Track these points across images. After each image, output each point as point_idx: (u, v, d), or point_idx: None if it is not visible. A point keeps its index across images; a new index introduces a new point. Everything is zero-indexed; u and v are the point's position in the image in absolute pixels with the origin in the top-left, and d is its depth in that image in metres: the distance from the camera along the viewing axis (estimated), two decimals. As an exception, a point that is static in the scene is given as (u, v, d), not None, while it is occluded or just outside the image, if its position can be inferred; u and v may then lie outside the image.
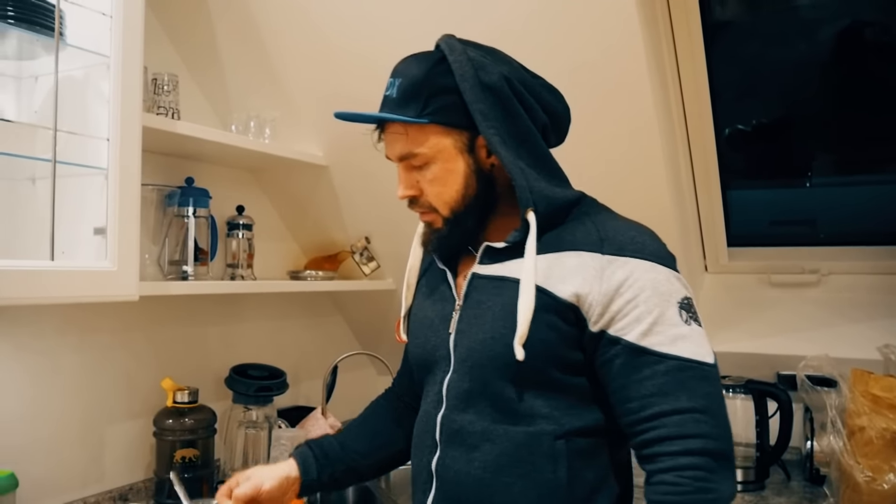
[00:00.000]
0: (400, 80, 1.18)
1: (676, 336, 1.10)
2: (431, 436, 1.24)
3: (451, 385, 1.22)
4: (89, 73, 1.53)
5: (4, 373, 1.63)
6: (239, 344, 2.28)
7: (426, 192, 1.22)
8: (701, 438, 1.06)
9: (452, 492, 1.20)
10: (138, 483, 1.91)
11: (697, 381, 1.09)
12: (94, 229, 1.50)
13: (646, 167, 1.91)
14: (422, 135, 1.18)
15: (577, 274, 1.13)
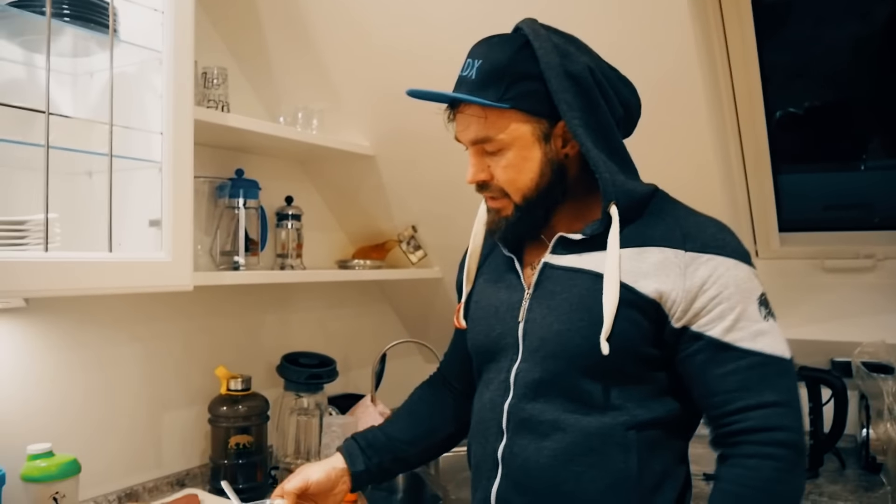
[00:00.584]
0: (480, 61, 1.16)
1: (758, 332, 1.11)
2: (497, 424, 1.24)
3: (519, 374, 1.22)
4: (142, 68, 1.56)
5: (65, 362, 1.68)
6: (289, 332, 2.31)
7: (498, 178, 1.20)
8: (785, 431, 1.09)
9: (520, 479, 1.20)
10: (194, 468, 1.96)
11: (779, 375, 1.11)
12: (150, 221, 1.54)
13: (695, 152, 1.89)
14: (501, 120, 1.16)
15: (661, 271, 1.14)
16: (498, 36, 1.19)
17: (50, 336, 1.65)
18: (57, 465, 1.44)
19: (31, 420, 1.61)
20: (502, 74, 1.14)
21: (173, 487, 1.89)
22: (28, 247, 1.32)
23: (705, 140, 1.86)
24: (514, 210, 1.22)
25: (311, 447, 1.98)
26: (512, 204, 1.21)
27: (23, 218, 1.33)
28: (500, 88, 1.14)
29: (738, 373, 1.11)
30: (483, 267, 1.37)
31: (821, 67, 2.22)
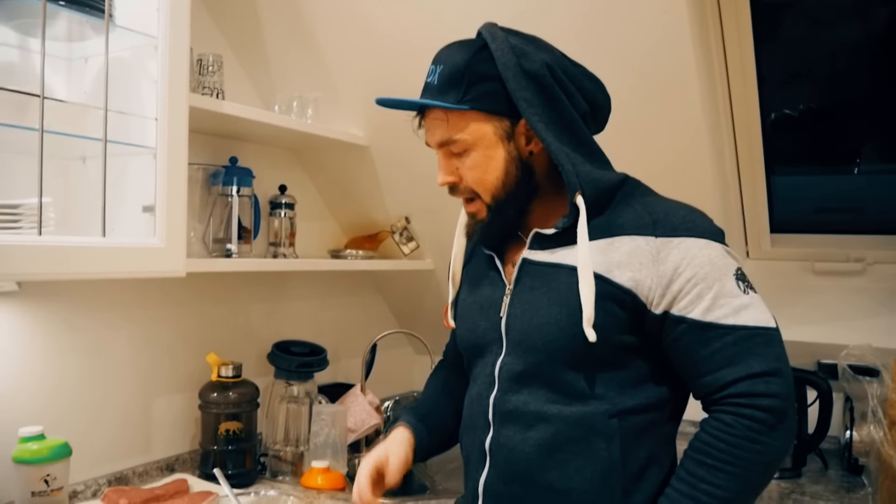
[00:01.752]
0: (441, 66, 1.20)
1: (739, 306, 1.13)
2: (484, 417, 1.27)
3: (503, 367, 1.25)
4: (137, 53, 1.56)
5: (57, 346, 1.69)
6: (281, 321, 2.32)
7: (466, 179, 1.24)
8: (769, 398, 1.10)
9: (506, 470, 1.23)
10: (184, 454, 1.97)
11: (766, 345, 1.12)
12: (143, 207, 1.54)
13: (689, 152, 1.90)
14: (462, 121, 1.20)
15: (633, 259, 1.15)
16: (459, 41, 1.23)
17: (42, 320, 1.66)
18: (48, 448, 1.45)
19: (22, 403, 1.62)
20: (461, 77, 1.18)
21: (163, 472, 1.90)
22: (22, 230, 1.33)
23: (700, 139, 1.87)
24: (488, 212, 1.25)
25: (300, 435, 1.99)
26: (484, 205, 1.25)
27: (17, 202, 1.33)
28: (459, 91, 1.18)
29: (724, 349, 1.12)
30: (467, 267, 1.41)
31: (817, 70, 2.22)
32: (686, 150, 1.90)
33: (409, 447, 1.41)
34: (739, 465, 1.10)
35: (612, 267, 1.16)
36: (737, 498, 1.12)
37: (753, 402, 1.10)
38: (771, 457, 1.12)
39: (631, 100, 1.85)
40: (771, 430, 1.10)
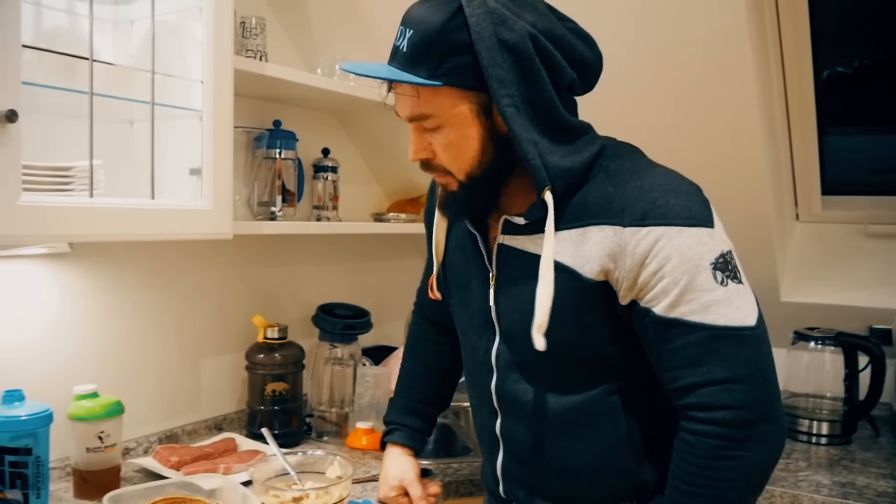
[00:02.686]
0: (411, 31, 1.07)
1: (709, 303, 1.03)
2: (489, 403, 1.28)
3: (500, 356, 1.24)
4: (182, 16, 1.56)
5: (108, 307, 1.72)
6: (325, 283, 2.34)
7: (440, 157, 1.14)
8: (731, 409, 1.03)
9: (519, 455, 1.25)
10: (231, 414, 2.01)
11: (734, 348, 1.03)
12: (190, 170, 1.55)
13: (738, 112, 1.85)
14: (435, 97, 1.08)
15: (602, 250, 1.07)
16: (425, 3, 1.09)
17: (93, 281, 1.69)
18: (102, 406, 1.48)
19: (75, 362, 1.66)
20: (433, 48, 1.05)
21: (211, 431, 1.94)
22: (73, 193, 1.34)
23: (750, 98, 1.82)
24: (460, 187, 1.15)
25: (345, 396, 2.01)
26: (456, 181, 1.15)
27: (68, 164, 1.35)
28: (432, 63, 1.05)
29: (686, 348, 1.05)
30: (451, 234, 1.33)
31: (871, 26, 2.15)
32: (735, 111, 1.85)
33: (412, 461, 1.49)
34: (716, 487, 1.05)
35: (584, 261, 1.09)
36: None
37: (713, 417, 1.04)
38: (749, 469, 1.05)
39: (680, 59, 1.82)
40: (740, 443, 1.03)
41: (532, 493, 1.26)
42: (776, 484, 1.64)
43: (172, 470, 1.61)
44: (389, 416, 1.55)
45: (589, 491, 1.22)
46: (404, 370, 1.58)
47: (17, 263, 1.55)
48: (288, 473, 1.51)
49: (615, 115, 2.01)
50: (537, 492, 1.25)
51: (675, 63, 1.84)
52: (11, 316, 1.55)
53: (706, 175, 1.97)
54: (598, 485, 1.21)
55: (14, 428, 1.36)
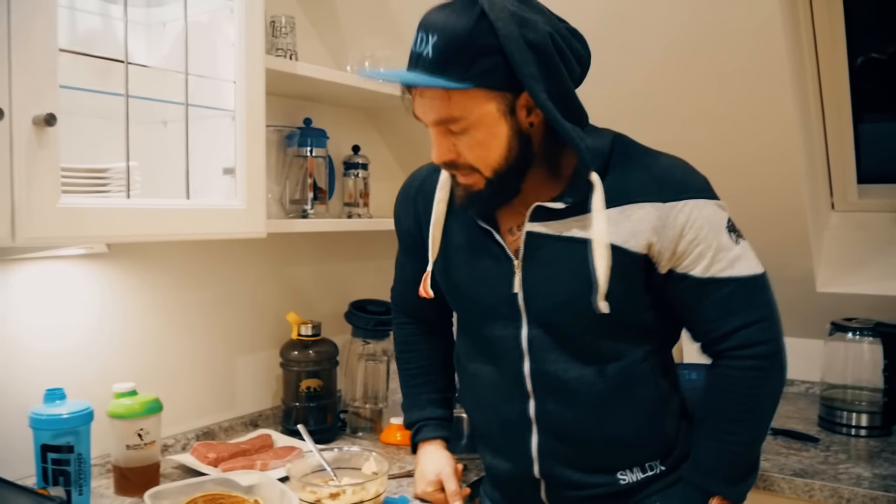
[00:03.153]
0: (436, 37, 1.11)
1: (734, 259, 1.22)
2: (520, 387, 1.31)
3: (532, 339, 1.29)
4: (214, 17, 1.58)
5: (144, 306, 1.74)
6: (357, 280, 2.35)
7: (466, 157, 1.19)
8: (765, 344, 1.24)
9: (559, 431, 1.31)
10: (267, 410, 2.03)
11: (758, 292, 1.24)
12: (224, 169, 1.56)
13: (772, 101, 1.83)
14: (464, 99, 1.13)
15: (646, 225, 1.20)
16: (450, 5, 1.14)
17: (130, 281, 1.71)
18: (141, 404, 1.51)
19: (114, 360, 1.68)
20: (461, 51, 1.10)
21: (247, 427, 1.96)
22: (110, 194, 1.36)
23: (784, 87, 1.80)
24: (486, 184, 1.21)
25: (378, 392, 2.02)
26: (483, 179, 1.20)
27: (105, 166, 1.37)
28: (460, 67, 1.10)
29: (722, 300, 1.22)
30: (450, 233, 1.37)
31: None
32: (768, 98, 1.83)
33: (448, 456, 1.51)
34: (755, 410, 1.26)
35: (629, 237, 1.20)
36: (759, 433, 1.29)
37: (754, 353, 1.23)
38: (777, 391, 1.27)
39: (712, 49, 1.80)
40: (772, 371, 1.25)
41: (571, 467, 1.32)
42: (816, 477, 1.62)
43: (210, 466, 1.63)
44: (412, 416, 1.57)
45: (627, 455, 1.33)
46: (408, 370, 1.61)
47: (56, 264, 1.58)
48: (324, 469, 1.52)
49: (647, 106, 2.00)
50: (577, 464, 1.32)
51: (707, 53, 1.82)
52: (51, 316, 1.57)
53: (739, 166, 1.97)
54: (635, 448, 1.33)
55: (56, 426, 1.38)
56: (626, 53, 1.89)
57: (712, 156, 1.21)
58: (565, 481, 1.33)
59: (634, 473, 1.33)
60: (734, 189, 1.36)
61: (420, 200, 1.44)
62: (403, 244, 1.54)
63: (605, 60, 1.87)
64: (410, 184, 1.49)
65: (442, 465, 1.48)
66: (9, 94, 1.13)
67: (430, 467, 1.48)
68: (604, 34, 1.87)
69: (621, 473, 1.32)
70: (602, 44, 1.89)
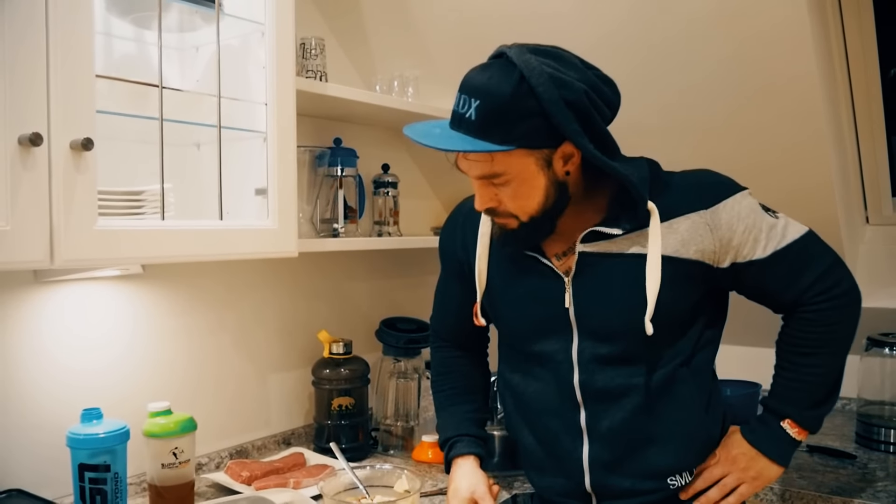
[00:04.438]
0: (478, 101, 1.18)
1: (783, 230, 1.32)
2: (571, 398, 1.37)
3: (583, 351, 1.35)
4: (245, 41, 1.60)
5: (178, 326, 1.77)
6: (387, 298, 2.36)
7: (506, 205, 1.28)
8: (838, 286, 1.34)
9: (609, 439, 1.36)
10: (299, 428, 2.04)
11: (814, 245, 1.34)
12: (256, 190, 1.58)
13: (803, 113, 1.81)
14: (507, 158, 1.21)
15: (694, 234, 1.29)
16: (489, 69, 1.20)
17: (164, 301, 1.74)
18: (176, 423, 1.52)
19: (148, 380, 1.70)
20: (504, 116, 1.17)
21: (280, 446, 1.97)
22: (145, 216, 1.39)
23: (815, 100, 1.78)
24: (520, 226, 1.29)
25: (409, 410, 2.02)
26: (518, 221, 1.29)
27: (140, 188, 1.40)
28: (503, 130, 1.18)
29: (790, 266, 1.32)
30: (495, 259, 1.44)
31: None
32: (800, 112, 1.81)
33: (482, 474, 1.51)
34: (831, 344, 1.35)
35: (679, 247, 1.29)
36: (835, 363, 1.36)
37: (830, 296, 1.33)
38: (853, 323, 1.36)
39: (742, 62, 1.79)
40: (847, 306, 1.35)
41: (622, 475, 1.36)
42: (854, 495, 1.59)
43: (244, 485, 1.64)
44: (447, 433, 1.57)
45: (675, 458, 1.37)
46: (444, 392, 1.63)
47: (92, 285, 1.60)
48: (357, 487, 1.52)
49: (679, 120, 1.99)
50: (627, 472, 1.36)
51: (736, 66, 1.81)
52: (87, 336, 1.60)
53: (771, 180, 1.95)
54: (682, 450, 1.37)
55: (93, 445, 1.40)
56: (657, 67, 1.89)
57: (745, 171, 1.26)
58: (617, 490, 1.37)
59: (684, 477, 1.38)
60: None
61: (468, 229, 1.50)
62: (449, 271, 1.58)
63: (639, 73, 1.87)
64: (457, 213, 1.57)
65: (476, 482, 1.48)
66: (47, 120, 1.16)
67: (463, 484, 1.48)
68: (636, 46, 1.87)
69: (671, 479, 1.37)
70: (634, 56, 1.89)
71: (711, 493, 1.39)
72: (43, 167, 1.15)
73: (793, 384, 1.37)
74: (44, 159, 1.15)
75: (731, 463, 1.39)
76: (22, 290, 1.49)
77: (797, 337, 1.37)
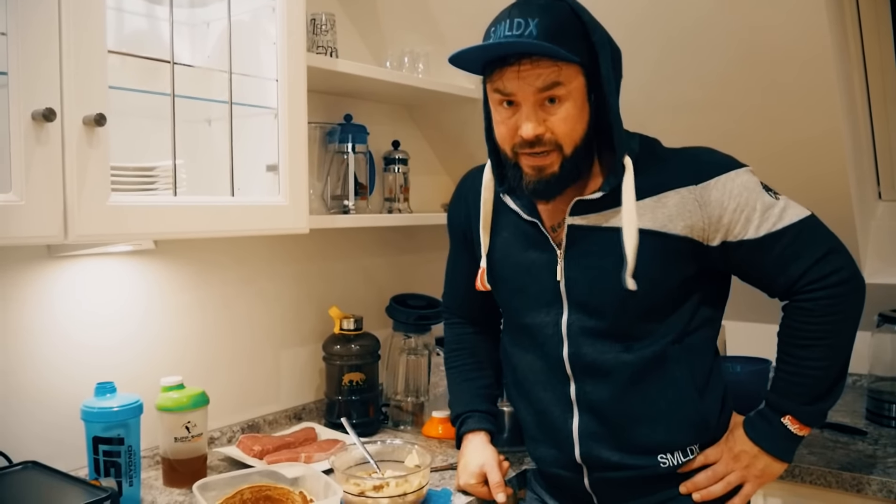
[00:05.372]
0: (537, 19, 1.21)
1: (781, 211, 1.28)
2: (560, 371, 1.39)
3: (571, 325, 1.37)
4: (256, 16, 1.60)
5: (190, 301, 1.78)
6: (397, 274, 2.37)
7: (555, 130, 1.26)
8: (836, 273, 1.28)
9: (597, 411, 1.37)
10: (310, 403, 2.06)
11: (813, 230, 1.30)
12: (267, 166, 1.59)
13: (817, 87, 1.80)
14: (569, 70, 1.23)
15: (683, 209, 1.28)
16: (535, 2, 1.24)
17: (177, 277, 1.75)
18: (188, 397, 1.53)
19: (161, 354, 1.72)
20: (566, 30, 1.22)
21: (291, 421, 1.99)
22: (157, 192, 1.39)
23: (829, 74, 1.77)
24: (561, 165, 1.28)
25: (420, 386, 2.03)
26: (561, 157, 1.27)
27: (152, 164, 1.40)
28: (569, 43, 1.21)
29: (785, 249, 1.28)
30: (496, 228, 1.45)
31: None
32: (813, 87, 1.80)
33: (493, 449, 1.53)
34: (830, 335, 1.30)
35: (666, 221, 1.29)
36: (836, 356, 1.31)
37: (826, 283, 1.28)
38: (854, 315, 1.31)
39: (756, 39, 1.78)
40: (847, 296, 1.29)
41: (611, 448, 1.37)
42: (864, 471, 1.59)
43: (256, 459, 1.66)
44: (457, 409, 1.59)
45: (664, 436, 1.36)
46: (456, 367, 1.64)
47: (105, 261, 1.61)
48: (368, 462, 1.53)
49: (686, 97, 1.98)
50: (616, 446, 1.37)
51: (750, 44, 1.79)
52: (100, 312, 1.61)
53: (784, 156, 1.94)
54: (671, 430, 1.36)
55: (107, 419, 1.41)
56: (674, 52, 1.88)
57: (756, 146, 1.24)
58: (606, 463, 1.37)
59: (675, 457, 1.36)
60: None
61: (470, 198, 1.51)
62: (456, 242, 1.60)
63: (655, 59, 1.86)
64: (462, 184, 1.58)
65: (486, 457, 1.50)
66: (60, 96, 1.16)
67: (474, 460, 1.50)
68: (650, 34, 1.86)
69: (661, 456, 1.36)
70: (650, 44, 1.88)
71: (715, 489, 1.37)
72: (56, 143, 1.16)
73: (793, 378, 1.33)
74: (57, 135, 1.16)
75: (734, 460, 1.37)
76: (36, 265, 1.50)
77: (794, 328, 1.33)
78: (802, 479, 1.64)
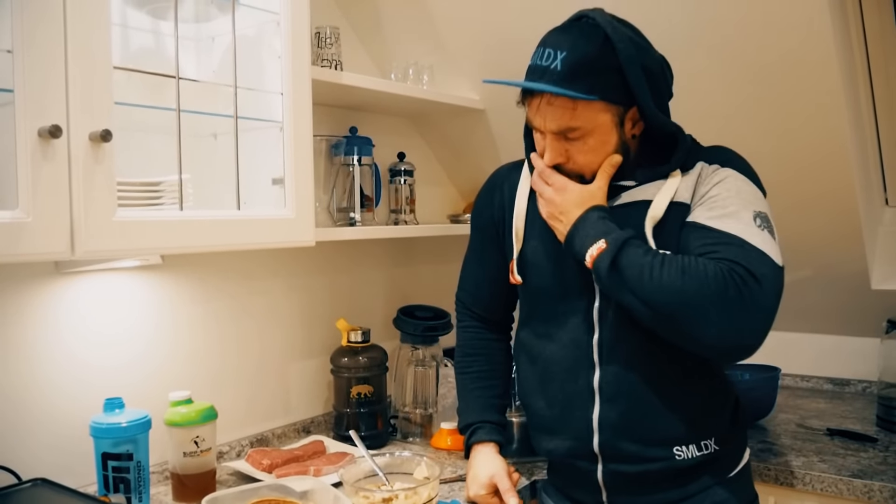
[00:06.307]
0: (565, 53, 1.25)
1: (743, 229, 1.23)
2: (587, 358, 1.38)
3: (602, 311, 1.37)
4: (260, 31, 1.61)
5: (197, 315, 1.78)
6: (404, 286, 2.37)
7: (576, 161, 1.33)
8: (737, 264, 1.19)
9: (619, 401, 1.36)
10: (318, 416, 2.05)
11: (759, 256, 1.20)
12: (273, 179, 1.59)
13: (822, 92, 1.80)
14: (588, 110, 1.27)
15: (690, 184, 1.32)
16: (575, 27, 1.29)
17: (184, 291, 1.75)
18: (197, 412, 1.53)
19: (169, 369, 1.72)
20: (590, 67, 1.25)
21: (300, 434, 1.99)
22: (163, 206, 1.39)
23: (834, 80, 1.76)
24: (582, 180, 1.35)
25: (428, 397, 2.03)
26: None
27: (158, 179, 1.40)
28: (590, 81, 1.25)
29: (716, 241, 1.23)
30: (530, 220, 1.47)
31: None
32: (819, 93, 1.79)
33: (502, 460, 1.53)
34: (688, 275, 1.19)
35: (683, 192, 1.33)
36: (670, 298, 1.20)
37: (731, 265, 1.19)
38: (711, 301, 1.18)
39: (760, 40, 1.78)
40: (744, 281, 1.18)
41: (629, 438, 1.36)
42: (875, 478, 1.58)
43: (265, 472, 1.65)
44: (468, 418, 1.58)
45: (683, 428, 1.35)
46: (467, 374, 1.63)
47: (113, 276, 1.62)
48: (377, 474, 1.53)
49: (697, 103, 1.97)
50: (635, 436, 1.36)
51: (755, 47, 1.79)
52: (108, 327, 1.61)
53: (790, 162, 1.94)
54: (691, 421, 1.36)
55: (115, 434, 1.41)
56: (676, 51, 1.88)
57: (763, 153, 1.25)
58: (623, 454, 1.37)
59: (690, 450, 1.36)
60: (784, 187, 1.35)
61: (506, 190, 1.53)
62: (482, 235, 1.58)
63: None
64: (495, 176, 1.60)
65: (496, 467, 1.49)
66: (66, 112, 1.16)
67: (483, 471, 1.49)
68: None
69: (677, 448, 1.36)
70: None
71: None
72: (63, 159, 1.16)
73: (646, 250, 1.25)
74: (63, 151, 1.16)
75: None
76: (44, 281, 1.50)
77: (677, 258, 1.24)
78: (813, 486, 1.63)
